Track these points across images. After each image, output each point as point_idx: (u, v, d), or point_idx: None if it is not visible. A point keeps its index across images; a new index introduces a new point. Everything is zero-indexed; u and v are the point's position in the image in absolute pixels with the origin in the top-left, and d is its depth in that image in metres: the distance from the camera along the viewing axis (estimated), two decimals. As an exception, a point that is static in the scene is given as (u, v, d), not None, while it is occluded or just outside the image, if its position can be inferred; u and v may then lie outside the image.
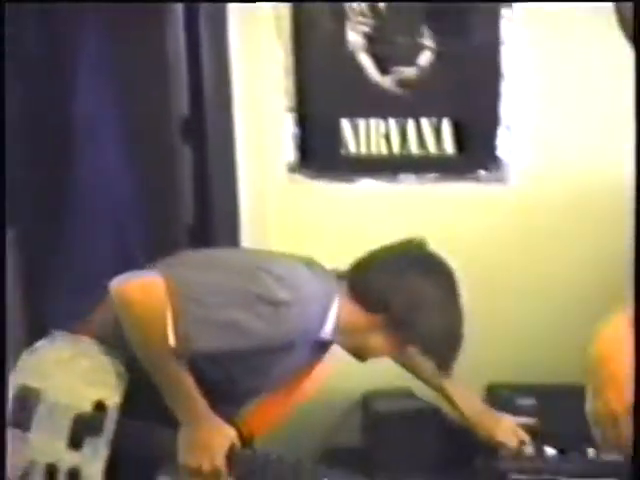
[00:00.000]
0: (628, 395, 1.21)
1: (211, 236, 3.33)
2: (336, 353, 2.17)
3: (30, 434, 1.95)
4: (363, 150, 2.93)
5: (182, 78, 2.94)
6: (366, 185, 2.96)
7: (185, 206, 3.13)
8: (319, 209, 3.00)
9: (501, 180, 2.87)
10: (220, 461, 1.89)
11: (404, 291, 1.97)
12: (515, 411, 2.71)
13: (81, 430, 1.94)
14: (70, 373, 1.96)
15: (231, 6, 2.88)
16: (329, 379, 2.23)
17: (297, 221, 2.99)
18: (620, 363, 1.27)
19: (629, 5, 1.38)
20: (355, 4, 2.85)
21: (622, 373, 1.25)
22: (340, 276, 2.05)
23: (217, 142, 3.01)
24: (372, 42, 2.88)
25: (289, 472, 1.91)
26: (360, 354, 2.08)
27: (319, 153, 2.98)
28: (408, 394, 2.93)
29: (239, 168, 3.04)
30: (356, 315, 1.99)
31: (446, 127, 2.86)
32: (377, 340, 2.02)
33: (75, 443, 1.95)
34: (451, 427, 2.82)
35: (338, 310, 1.97)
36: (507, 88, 2.79)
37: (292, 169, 2.99)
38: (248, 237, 3.05)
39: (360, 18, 2.87)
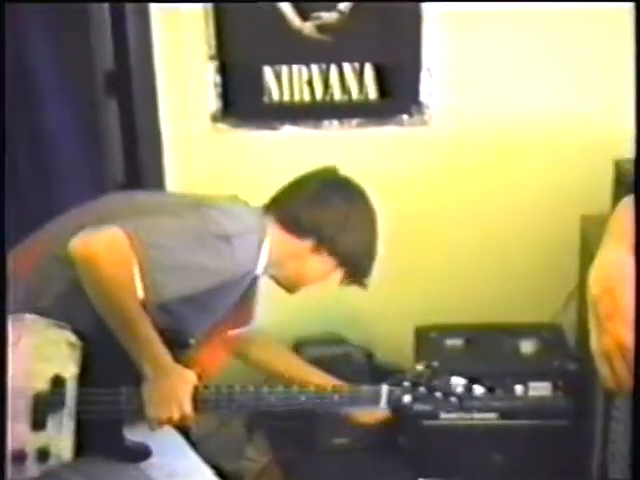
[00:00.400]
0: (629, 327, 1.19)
1: (139, 187, 3.31)
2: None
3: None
4: (286, 97, 2.93)
5: (106, 31, 2.91)
6: (290, 132, 2.97)
7: (114, 160, 3.11)
8: (243, 157, 3.00)
9: (423, 123, 2.90)
10: (189, 407, 1.89)
11: (332, 213, 2.05)
12: (445, 351, 2.78)
13: (42, 409, 1.88)
14: (20, 355, 1.88)
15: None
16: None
17: (221, 169, 2.99)
18: (625, 293, 1.21)
19: None
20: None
21: (627, 304, 1.20)
22: (266, 209, 2.08)
23: (141, 95, 2.98)
24: (291, -11, 2.87)
25: (253, 399, 1.94)
26: (292, 285, 2.13)
27: (242, 101, 2.97)
28: (338, 340, 2.99)
29: (163, 119, 3.02)
30: (288, 244, 2.04)
31: (368, 72, 2.87)
32: (310, 265, 2.07)
33: (39, 424, 1.90)
34: (379, 369, 2.88)
35: (270, 242, 2.01)
36: (427, 31, 2.81)
37: (215, 118, 2.97)
38: (174, 187, 3.04)
39: (280, -36, 2.85)
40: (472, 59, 2.86)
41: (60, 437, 1.91)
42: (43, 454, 1.90)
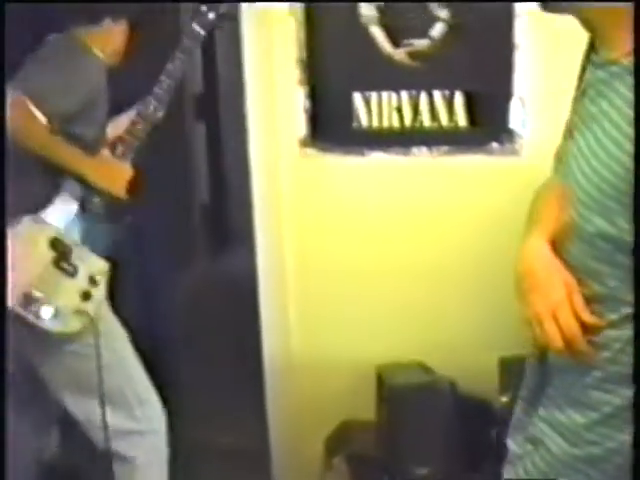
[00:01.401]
0: (548, 299, 1.47)
1: (225, 211, 3.34)
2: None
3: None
4: (375, 123, 2.92)
5: (195, 54, 2.94)
6: (378, 158, 2.96)
7: (200, 182, 3.14)
8: (331, 183, 3.00)
9: (513, 153, 2.86)
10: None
11: None
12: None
13: None
14: None
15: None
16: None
17: (309, 195, 3.00)
18: (539, 272, 1.50)
19: None
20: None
21: (542, 281, 1.49)
22: None
23: (229, 118, 3.00)
24: (384, 14, 2.86)
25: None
26: None
27: (331, 126, 2.98)
28: (421, 369, 2.95)
29: (251, 143, 3.04)
30: None
31: (459, 99, 2.84)
32: None
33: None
34: (463, 400, 2.84)
35: None
36: (520, 60, 2.78)
37: (304, 143, 2.98)
38: (261, 211, 3.06)
39: (369, -9, 2.85)
40: (566, 88, 2.81)
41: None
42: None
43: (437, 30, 2.82)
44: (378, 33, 2.88)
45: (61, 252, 2.43)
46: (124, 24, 2.65)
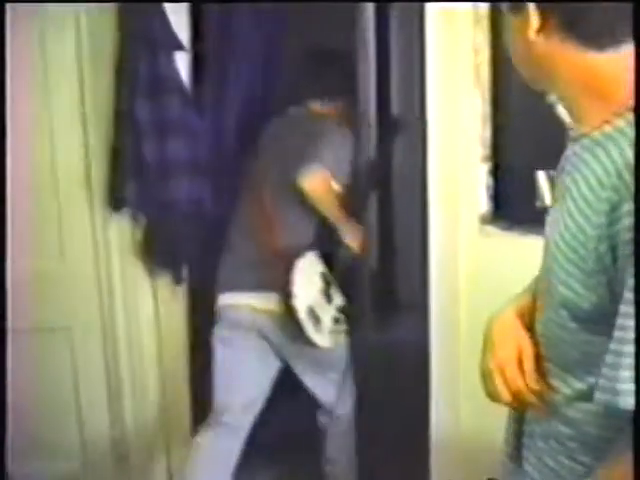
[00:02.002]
0: (498, 357, 1.62)
1: (395, 280, 3.36)
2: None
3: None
4: (558, 203, 2.87)
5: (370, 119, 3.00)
6: (560, 238, 2.89)
7: (370, 250, 3.19)
8: (511, 261, 2.94)
9: None
10: None
11: None
12: None
13: None
14: None
15: (429, 47, 2.91)
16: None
17: (488, 272, 2.95)
18: (495, 334, 1.67)
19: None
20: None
21: (496, 341, 1.65)
22: None
23: (406, 188, 3.03)
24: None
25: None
26: None
27: (513, 204, 2.95)
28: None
29: (431, 215, 3.04)
30: None
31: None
32: None
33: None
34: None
35: None
36: None
37: (485, 220, 2.96)
38: (437, 284, 3.04)
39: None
40: None
41: None
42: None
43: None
44: (564, 113, 2.83)
45: (327, 283, 3.25)
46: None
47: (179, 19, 3.21)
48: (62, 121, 3.21)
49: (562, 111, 2.78)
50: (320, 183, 3.09)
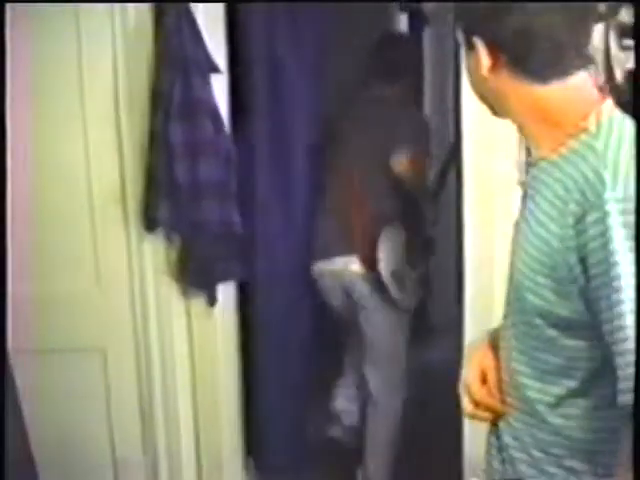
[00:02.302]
0: (465, 378, 1.79)
1: (429, 303, 3.32)
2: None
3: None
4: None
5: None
6: None
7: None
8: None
9: None
10: None
11: None
12: None
13: None
14: None
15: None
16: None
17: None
18: (467, 361, 1.82)
19: None
20: (594, 78, 2.78)
21: (467, 364, 1.81)
22: None
23: (442, 211, 3.00)
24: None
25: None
26: None
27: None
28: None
29: (466, 238, 3.02)
30: None
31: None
32: None
33: None
34: None
35: None
36: None
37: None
38: (471, 306, 3.00)
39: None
40: None
41: None
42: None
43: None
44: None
45: (410, 251, 3.57)
46: None
47: (217, 41, 3.21)
48: (98, 141, 3.21)
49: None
50: (410, 165, 3.48)
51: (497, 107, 1.62)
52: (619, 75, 2.77)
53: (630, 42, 2.75)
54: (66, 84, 3.15)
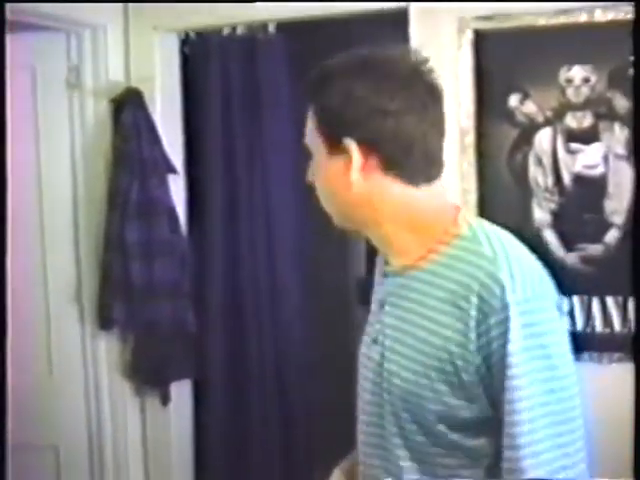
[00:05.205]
0: None
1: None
2: None
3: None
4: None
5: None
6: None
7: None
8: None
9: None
10: None
11: None
12: None
13: None
14: None
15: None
16: None
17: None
18: None
19: None
20: (540, 181, 2.86)
21: None
22: None
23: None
24: (558, 219, 2.87)
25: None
26: None
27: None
28: None
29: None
30: None
31: (631, 306, 2.77)
32: None
33: None
34: None
35: None
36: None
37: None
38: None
39: (546, 195, 2.87)
40: None
41: None
42: None
43: (611, 236, 2.79)
44: (551, 237, 2.87)
45: None
46: None
47: (174, 140, 3.27)
48: (54, 238, 3.24)
49: (551, 237, 2.81)
50: None
51: (359, 216, 1.54)
52: (567, 178, 2.85)
53: (577, 146, 2.84)
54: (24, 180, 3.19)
